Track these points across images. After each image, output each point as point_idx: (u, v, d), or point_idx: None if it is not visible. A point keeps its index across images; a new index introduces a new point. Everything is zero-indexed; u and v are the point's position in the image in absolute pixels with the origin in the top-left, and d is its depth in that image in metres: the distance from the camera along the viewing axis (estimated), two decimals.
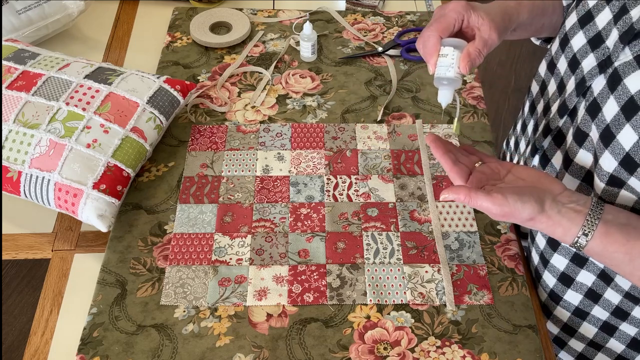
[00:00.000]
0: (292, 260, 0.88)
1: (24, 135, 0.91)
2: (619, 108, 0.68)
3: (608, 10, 0.73)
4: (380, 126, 1.06)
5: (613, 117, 0.69)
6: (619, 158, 0.69)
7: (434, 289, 0.86)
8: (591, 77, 0.73)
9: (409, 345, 0.81)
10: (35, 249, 0.92)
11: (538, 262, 0.88)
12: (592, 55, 0.74)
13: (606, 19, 0.73)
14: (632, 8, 0.70)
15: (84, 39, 1.25)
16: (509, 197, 0.68)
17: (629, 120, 0.67)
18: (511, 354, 0.80)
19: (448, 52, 0.73)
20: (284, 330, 0.82)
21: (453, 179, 0.74)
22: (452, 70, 0.73)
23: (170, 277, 0.86)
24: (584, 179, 0.77)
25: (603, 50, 0.72)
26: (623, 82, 0.68)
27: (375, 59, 1.19)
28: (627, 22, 0.70)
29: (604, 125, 0.70)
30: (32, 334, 0.83)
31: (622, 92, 0.68)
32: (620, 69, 0.69)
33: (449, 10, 0.76)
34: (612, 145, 0.69)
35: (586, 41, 0.75)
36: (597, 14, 0.74)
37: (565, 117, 0.78)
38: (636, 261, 0.67)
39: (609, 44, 0.72)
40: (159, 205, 0.95)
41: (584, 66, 0.75)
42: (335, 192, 0.97)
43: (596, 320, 0.85)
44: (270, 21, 1.26)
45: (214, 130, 1.05)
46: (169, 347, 0.80)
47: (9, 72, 0.98)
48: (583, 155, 0.76)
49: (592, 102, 0.72)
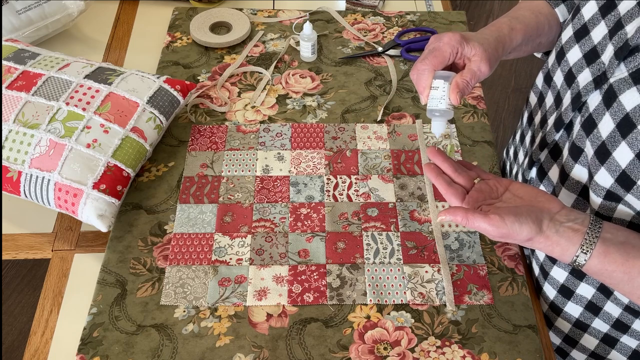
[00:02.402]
0: (292, 260, 0.88)
1: (24, 135, 0.91)
2: (614, 125, 0.67)
3: (603, 25, 0.72)
4: (380, 126, 1.06)
5: (609, 134, 0.68)
6: (615, 175, 0.69)
7: (434, 289, 0.86)
8: (587, 92, 0.72)
9: (409, 345, 0.81)
10: (35, 249, 0.92)
11: (538, 274, 0.89)
12: (587, 70, 0.73)
13: (601, 33, 0.72)
14: (627, 23, 0.69)
15: (84, 39, 1.25)
16: (507, 218, 0.68)
17: (624, 138, 0.66)
18: (511, 354, 0.80)
19: (439, 85, 0.75)
20: (284, 330, 0.82)
21: (449, 200, 0.74)
22: (444, 102, 0.75)
23: (170, 277, 0.86)
24: (580, 193, 0.76)
25: (598, 66, 0.71)
26: (618, 99, 0.67)
27: (375, 59, 1.19)
28: (622, 38, 0.69)
29: (600, 141, 0.69)
30: (32, 334, 0.83)
31: (618, 109, 0.67)
32: (615, 86, 0.68)
33: (444, 43, 0.76)
34: (608, 162, 0.69)
35: (582, 55, 0.74)
36: (593, 28, 0.74)
37: (562, 131, 0.77)
38: (635, 280, 0.67)
39: (604, 59, 0.71)
40: (159, 205, 0.95)
41: (580, 81, 0.74)
42: (335, 192, 0.97)
43: (597, 332, 0.85)
44: (270, 21, 1.26)
45: (214, 130, 1.05)
46: (169, 347, 0.80)
47: (9, 72, 0.98)
48: (578, 170, 0.75)
49: (588, 117, 0.72)
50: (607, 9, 0.72)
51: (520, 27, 0.84)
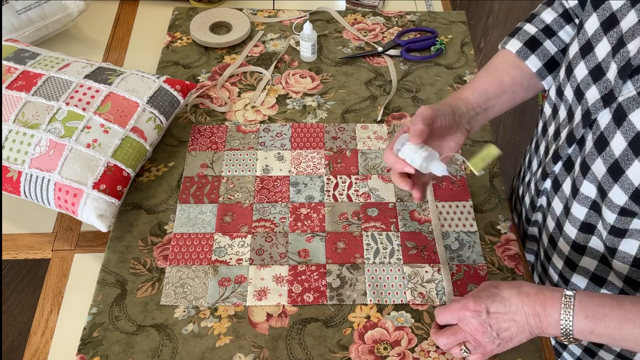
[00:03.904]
0: (292, 260, 0.88)
1: (24, 135, 0.91)
2: (626, 144, 0.68)
3: (606, 42, 0.72)
4: (380, 126, 1.06)
5: (621, 152, 0.69)
6: (629, 193, 0.69)
7: (434, 289, 0.86)
8: (596, 110, 0.73)
9: (409, 345, 0.81)
10: (35, 249, 0.92)
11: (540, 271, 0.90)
12: (594, 87, 0.73)
13: (605, 50, 0.72)
14: (629, 41, 0.69)
15: (84, 39, 1.25)
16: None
17: (637, 156, 0.67)
18: (511, 354, 0.80)
19: (400, 147, 0.78)
20: (284, 330, 0.82)
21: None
22: (419, 152, 0.77)
23: (170, 277, 0.86)
24: (591, 207, 0.77)
25: (605, 83, 0.72)
26: (628, 118, 0.68)
27: (375, 59, 1.19)
28: (624, 56, 0.69)
29: (612, 159, 0.70)
30: (32, 334, 0.83)
31: (629, 128, 0.68)
32: (624, 105, 0.68)
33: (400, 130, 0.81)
34: (621, 180, 0.69)
35: (587, 72, 0.74)
36: (596, 44, 0.73)
37: (574, 145, 0.78)
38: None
39: (610, 77, 0.71)
40: (159, 205, 0.95)
41: (588, 98, 0.74)
42: (335, 192, 0.97)
43: None
44: (270, 21, 1.26)
45: (214, 130, 1.05)
46: (169, 347, 0.80)
47: (9, 72, 0.98)
48: (587, 186, 0.76)
49: (600, 136, 0.72)
50: (609, 24, 0.72)
51: (466, 87, 0.86)
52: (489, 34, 2.69)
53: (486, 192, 0.98)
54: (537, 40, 0.87)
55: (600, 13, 0.73)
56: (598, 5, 0.74)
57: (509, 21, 2.76)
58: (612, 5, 0.72)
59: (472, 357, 0.76)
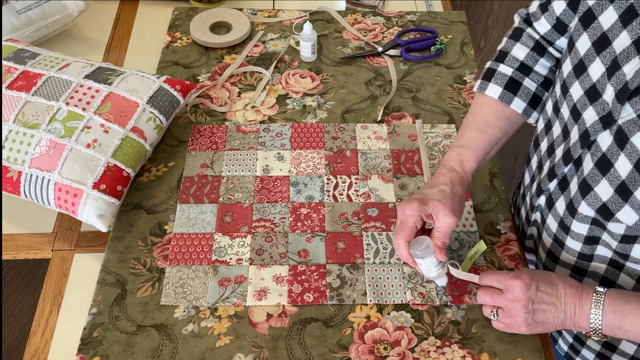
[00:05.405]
0: (292, 260, 0.88)
1: (24, 135, 0.91)
2: (632, 166, 0.68)
3: (600, 63, 0.72)
4: (380, 126, 1.06)
5: (628, 174, 0.69)
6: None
7: (434, 289, 0.86)
8: (595, 131, 0.72)
9: (409, 345, 0.81)
10: (35, 249, 0.92)
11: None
12: (591, 108, 0.73)
13: (599, 71, 0.72)
14: (624, 64, 0.68)
15: (84, 39, 1.25)
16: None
17: None
18: (511, 354, 0.80)
19: (421, 262, 0.81)
20: (284, 330, 0.82)
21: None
22: (433, 270, 0.82)
23: (170, 277, 0.86)
24: (593, 222, 0.77)
25: (602, 105, 0.71)
26: (630, 141, 0.68)
27: (375, 59, 1.19)
28: (621, 80, 0.68)
29: (619, 181, 0.70)
30: (32, 334, 0.83)
31: (632, 151, 0.68)
32: (625, 127, 0.68)
33: (407, 216, 0.81)
34: (630, 200, 0.70)
35: (583, 92, 0.74)
36: (589, 65, 0.73)
37: (570, 165, 0.78)
38: None
39: (607, 99, 0.71)
40: (159, 205, 0.95)
41: (586, 119, 0.74)
42: (335, 192, 0.97)
43: None
44: (270, 21, 1.26)
45: (214, 130, 1.05)
46: (169, 347, 0.80)
47: (9, 72, 0.98)
48: (585, 206, 0.76)
49: (602, 157, 0.72)
50: (601, 45, 0.71)
51: (470, 154, 0.86)
52: (489, 34, 2.69)
53: (486, 192, 0.98)
54: (516, 81, 0.87)
55: (591, 33, 0.73)
56: (588, 24, 0.73)
57: (509, 21, 2.75)
58: (602, 25, 0.71)
59: (497, 323, 0.79)
